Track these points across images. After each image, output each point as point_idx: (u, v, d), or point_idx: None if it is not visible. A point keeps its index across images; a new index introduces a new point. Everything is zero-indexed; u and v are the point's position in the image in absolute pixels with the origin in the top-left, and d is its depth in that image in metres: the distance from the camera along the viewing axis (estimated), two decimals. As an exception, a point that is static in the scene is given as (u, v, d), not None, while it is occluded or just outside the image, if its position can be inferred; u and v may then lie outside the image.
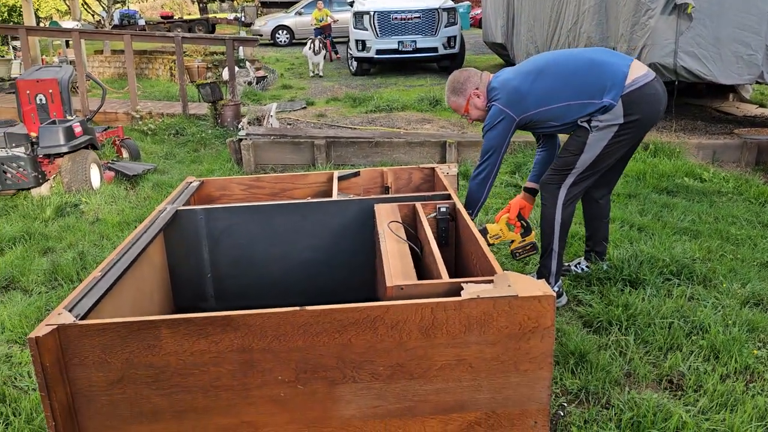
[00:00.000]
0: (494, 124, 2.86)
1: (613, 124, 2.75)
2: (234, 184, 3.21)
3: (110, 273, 2.00)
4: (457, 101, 3.00)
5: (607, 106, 2.72)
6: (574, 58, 2.89)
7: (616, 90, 2.71)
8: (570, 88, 2.78)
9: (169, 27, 27.27)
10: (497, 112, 2.85)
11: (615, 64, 2.78)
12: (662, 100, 2.84)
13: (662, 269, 3.19)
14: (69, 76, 6.06)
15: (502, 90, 2.87)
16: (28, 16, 12.28)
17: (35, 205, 4.89)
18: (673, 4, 5.18)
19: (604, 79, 2.74)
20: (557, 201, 2.90)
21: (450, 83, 3.02)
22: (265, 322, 1.68)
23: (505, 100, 2.84)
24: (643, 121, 2.79)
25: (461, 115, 3.06)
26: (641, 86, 2.73)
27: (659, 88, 2.82)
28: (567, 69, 2.84)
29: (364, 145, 5.86)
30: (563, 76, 2.82)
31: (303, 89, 10.71)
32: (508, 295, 1.71)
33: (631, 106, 2.72)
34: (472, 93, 2.94)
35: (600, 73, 2.76)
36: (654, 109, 2.81)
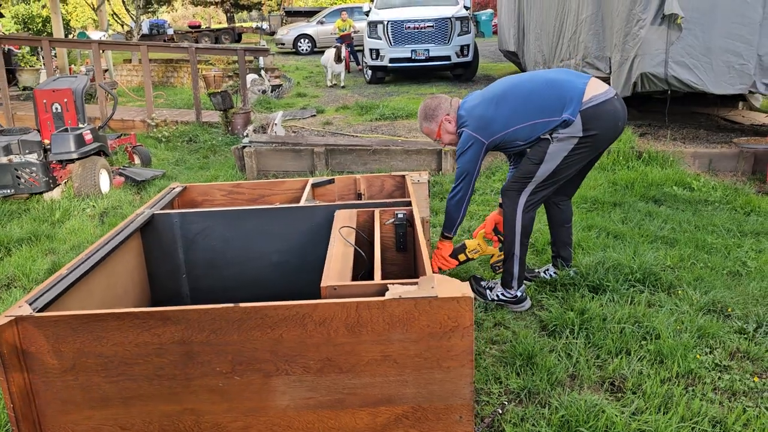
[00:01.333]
0: (465, 149, 3.01)
1: (573, 136, 2.86)
2: (215, 189, 3.38)
3: (77, 270, 2.18)
4: (429, 127, 3.17)
5: (566, 120, 2.83)
6: (532, 80, 3.03)
7: (575, 106, 2.82)
8: (531, 108, 2.90)
9: (197, 37, 27.95)
10: (467, 138, 3.00)
11: (572, 81, 2.89)
12: (621, 116, 2.94)
13: (627, 276, 3.26)
14: (83, 86, 6.34)
15: (469, 117, 3.03)
16: (57, 27, 12.77)
17: (46, 208, 5.14)
18: (662, 15, 5.23)
19: (563, 97, 2.85)
20: (517, 207, 3.01)
21: (422, 111, 3.19)
22: (202, 317, 1.83)
23: (473, 126, 2.99)
24: (601, 136, 2.89)
25: (434, 140, 3.24)
26: (599, 103, 2.84)
27: (618, 106, 2.93)
28: (526, 90, 2.96)
29: (362, 152, 6.02)
30: (523, 98, 2.94)
31: (317, 97, 10.93)
32: (428, 296, 1.83)
33: (590, 121, 2.83)
34: (444, 119, 3.11)
35: (559, 91, 2.88)
36: (612, 124, 2.91)
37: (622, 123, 2.96)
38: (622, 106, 2.96)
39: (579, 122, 2.83)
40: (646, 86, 5.58)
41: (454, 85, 11.50)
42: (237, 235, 2.89)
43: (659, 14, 5.28)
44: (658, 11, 5.29)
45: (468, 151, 3.01)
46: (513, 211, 3.04)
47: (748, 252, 3.67)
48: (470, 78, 12.23)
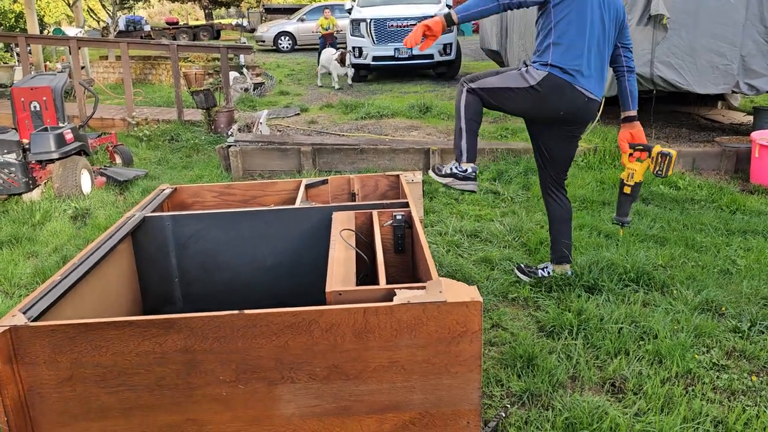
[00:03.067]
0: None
1: (531, 78, 2.84)
2: (206, 191, 3.32)
3: (69, 276, 2.11)
4: None
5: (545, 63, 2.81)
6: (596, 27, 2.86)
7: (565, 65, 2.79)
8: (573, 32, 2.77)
9: (174, 33, 27.58)
10: None
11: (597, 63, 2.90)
12: (573, 108, 2.92)
13: (621, 276, 3.28)
14: (63, 84, 6.19)
15: None
16: (32, 23, 12.49)
17: (25, 210, 5.01)
18: (648, 15, 5.27)
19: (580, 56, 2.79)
20: (462, 89, 3.02)
21: None
22: (205, 324, 1.78)
23: None
24: (546, 104, 2.87)
25: None
26: (569, 83, 2.82)
27: (580, 103, 2.92)
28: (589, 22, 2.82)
29: (350, 152, 5.97)
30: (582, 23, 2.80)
31: (300, 96, 10.84)
32: (437, 300, 1.80)
33: (547, 86, 2.82)
34: None
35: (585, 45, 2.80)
36: (558, 105, 2.88)
37: (570, 115, 2.95)
38: (586, 105, 2.94)
39: (544, 77, 2.80)
40: (632, 86, 5.61)
41: (437, 84, 11.50)
42: (231, 238, 2.84)
43: (645, 15, 5.32)
44: (644, 12, 5.33)
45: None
46: (459, 94, 3.04)
47: (737, 250, 3.71)
48: (453, 76, 12.24)
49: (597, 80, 2.98)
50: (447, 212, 4.64)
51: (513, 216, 4.45)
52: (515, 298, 3.20)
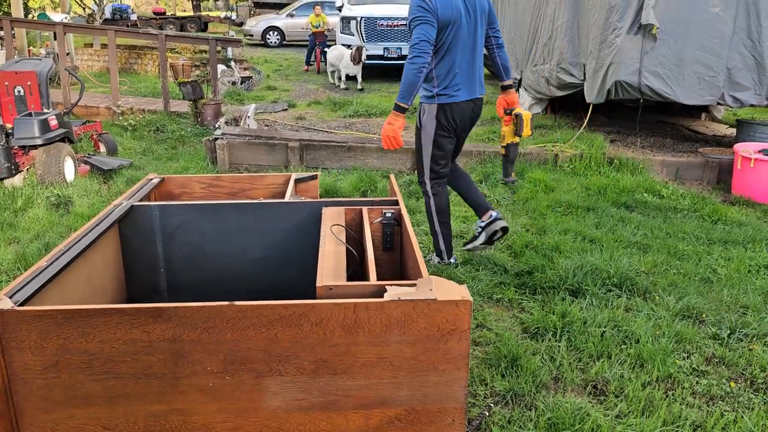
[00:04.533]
0: (420, 17, 3.08)
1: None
2: (194, 182, 3.30)
3: (56, 263, 2.09)
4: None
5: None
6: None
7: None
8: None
9: (161, 23, 27.29)
10: (421, 5, 3.07)
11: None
12: (466, 112, 3.40)
13: (605, 280, 3.32)
14: (48, 70, 6.12)
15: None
16: (16, 7, 12.31)
17: (7, 195, 4.94)
18: (638, 24, 5.34)
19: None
20: (427, 194, 3.57)
21: None
22: (195, 314, 1.77)
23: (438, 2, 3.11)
24: (453, 122, 3.37)
25: None
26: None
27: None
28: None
29: (337, 149, 5.97)
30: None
31: (287, 91, 10.81)
32: (427, 298, 1.81)
33: (444, 112, 3.34)
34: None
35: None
36: (459, 116, 3.36)
37: (469, 120, 3.50)
38: (475, 106, 3.46)
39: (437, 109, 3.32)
40: (620, 94, 5.69)
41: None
42: (219, 230, 2.82)
43: (636, 24, 5.39)
44: (635, 21, 5.40)
45: (423, 20, 3.05)
46: (426, 200, 3.60)
47: (718, 260, 3.78)
48: (441, 78, 12.28)
49: (476, 81, 3.39)
50: (433, 212, 4.65)
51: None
52: (500, 299, 3.23)
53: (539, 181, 5.25)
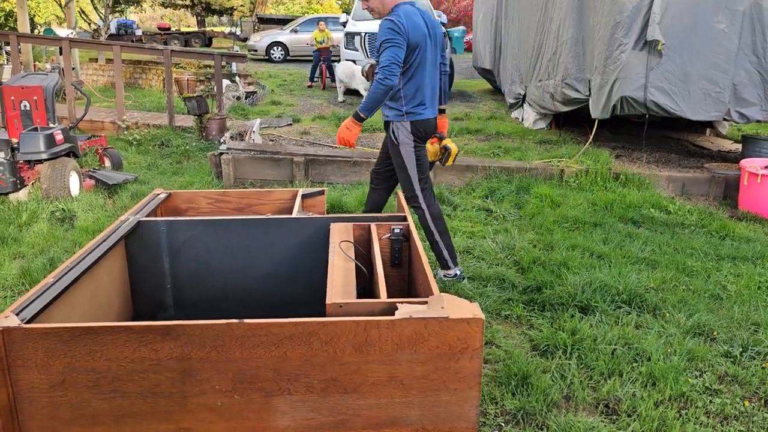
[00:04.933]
0: (395, 40, 3.22)
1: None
2: (201, 197, 3.29)
3: (63, 279, 2.07)
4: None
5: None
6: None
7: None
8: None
9: (166, 39, 27.46)
10: (392, 29, 3.21)
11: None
12: (431, 126, 3.60)
13: (614, 297, 3.28)
14: (54, 85, 6.13)
15: (405, 13, 3.29)
16: (23, 22, 12.40)
17: (11, 210, 4.93)
18: (644, 40, 5.35)
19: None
20: (422, 211, 3.63)
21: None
22: (204, 332, 1.75)
23: (408, 24, 3.25)
24: (425, 138, 3.57)
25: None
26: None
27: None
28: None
29: (342, 164, 5.96)
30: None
31: (292, 106, 10.83)
32: (439, 316, 1.79)
33: (416, 128, 3.50)
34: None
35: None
36: (427, 132, 3.55)
37: (431, 134, 3.65)
38: (435, 122, 3.62)
39: (409, 127, 3.49)
40: (625, 109, 5.68)
41: (429, 100, 11.55)
42: (226, 245, 2.80)
43: (641, 39, 5.40)
44: (640, 36, 5.41)
45: (397, 43, 3.20)
46: (420, 216, 3.64)
47: (727, 276, 3.74)
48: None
49: (436, 99, 3.59)
50: (439, 228, 4.63)
51: (505, 234, 4.45)
52: (508, 315, 3.20)
53: (545, 196, 5.23)
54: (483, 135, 7.72)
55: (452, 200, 5.31)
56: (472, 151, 6.63)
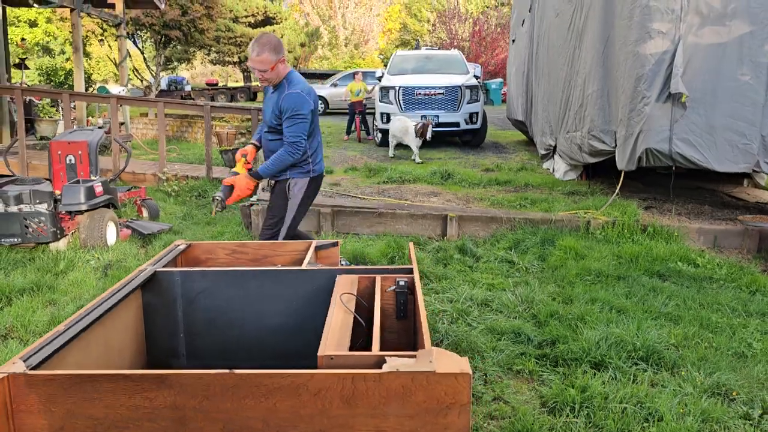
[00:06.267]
0: (308, 114, 3.65)
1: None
2: (219, 248, 3.40)
3: (74, 327, 2.17)
4: (270, 57, 3.54)
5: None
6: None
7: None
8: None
9: (213, 94, 28.69)
10: (306, 103, 3.64)
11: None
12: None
13: (630, 353, 3.22)
14: (98, 140, 6.48)
15: (305, 87, 3.71)
16: (79, 81, 13.14)
17: (50, 258, 5.16)
18: (667, 93, 5.36)
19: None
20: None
21: (268, 40, 3.57)
22: (196, 382, 1.81)
23: (309, 93, 3.70)
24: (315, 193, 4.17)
25: (261, 69, 3.58)
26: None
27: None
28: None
29: (368, 215, 6.06)
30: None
31: (326, 158, 11.07)
32: (425, 370, 1.81)
33: (313, 184, 4.05)
34: (283, 59, 3.60)
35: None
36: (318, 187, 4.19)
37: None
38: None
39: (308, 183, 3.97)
40: (651, 161, 5.65)
41: (463, 151, 11.67)
42: (238, 296, 2.89)
43: (664, 92, 5.41)
44: (663, 89, 5.42)
45: (308, 118, 3.67)
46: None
47: (754, 333, 3.62)
48: (478, 144, 12.42)
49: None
50: (460, 279, 4.64)
51: (525, 286, 4.43)
52: (520, 370, 3.16)
53: (570, 248, 5.19)
54: (512, 186, 7.74)
55: (475, 251, 5.32)
56: (498, 203, 6.65)
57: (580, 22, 6.89)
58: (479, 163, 10.00)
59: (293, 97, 3.58)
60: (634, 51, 5.67)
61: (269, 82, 3.66)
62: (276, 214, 3.94)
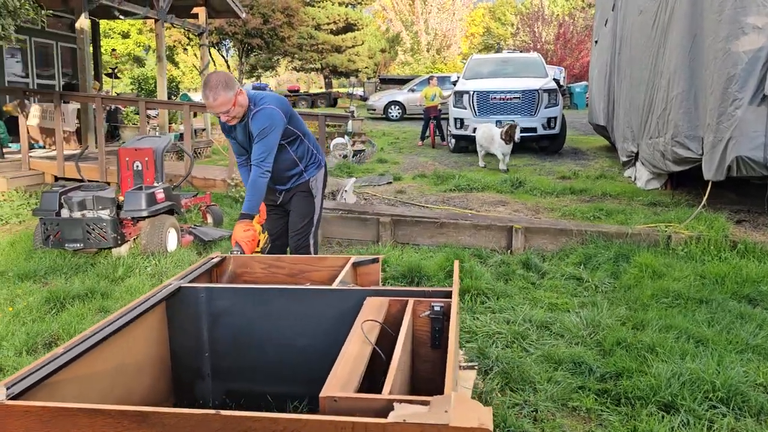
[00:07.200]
0: (274, 127, 3.40)
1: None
2: (255, 262, 3.25)
3: (74, 349, 2.04)
4: (227, 95, 3.28)
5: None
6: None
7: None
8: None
9: (295, 100, 29.29)
10: (274, 114, 3.40)
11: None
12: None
13: (707, 394, 2.79)
14: (164, 146, 6.57)
15: (268, 97, 3.47)
16: (162, 89, 13.65)
17: (110, 264, 5.23)
18: (762, 95, 4.76)
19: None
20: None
21: (216, 81, 3.30)
22: (180, 422, 1.62)
23: (278, 105, 3.45)
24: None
25: (224, 111, 3.32)
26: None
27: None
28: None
29: (429, 225, 5.79)
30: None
31: (397, 164, 10.90)
32: (438, 422, 1.54)
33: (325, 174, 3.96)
34: (239, 91, 3.34)
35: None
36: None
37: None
38: None
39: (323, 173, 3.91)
40: (742, 170, 5.06)
41: (539, 158, 11.17)
42: (263, 315, 2.71)
43: (759, 94, 4.81)
44: (758, 90, 4.82)
45: (277, 128, 3.42)
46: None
47: None
48: (557, 150, 11.86)
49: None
50: (521, 297, 4.29)
51: (592, 308, 4.02)
52: (576, 407, 2.81)
53: (646, 265, 4.70)
54: (587, 195, 7.24)
55: (540, 267, 4.93)
56: (570, 213, 6.21)
57: (665, 18, 6.32)
58: (555, 170, 9.50)
59: (257, 116, 3.41)
60: (724, 48, 5.10)
61: (238, 117, 3.43)
62: (304, 215, 3.81)
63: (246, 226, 3.44)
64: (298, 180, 3.77)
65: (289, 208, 3.89)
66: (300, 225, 3.82)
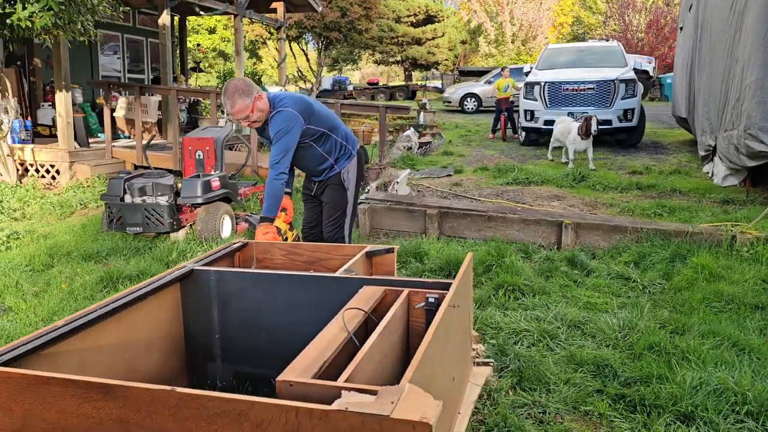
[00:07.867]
0: (290, 127, 3.39)
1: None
2: (276, 248, 3.30)
3: (76, 321, 2.16)
4: (244, 102, 3.31)
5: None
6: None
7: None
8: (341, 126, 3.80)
9: (373, 93, 29.54)
10: (290, 116, 3.39)
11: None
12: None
13: (734, 406, 2.58)
14: (225, 136, 6.79)
15: (288, 99, 3.47)
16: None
17: (165, 249, 5.48)
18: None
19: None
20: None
21: (233, 89, 3.33)
22: (140, 396, 1.68)
23: (296, 108, 3.42)
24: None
25: (243, 117, 3.36)
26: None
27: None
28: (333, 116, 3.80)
29: (477, 218, 5.68)
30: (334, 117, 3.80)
31: (462, 156, 10.76)
32: (378, 413, 1.51)
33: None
34: (257, 96, 3.36)
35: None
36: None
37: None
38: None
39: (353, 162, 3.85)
40: (819, 166, 4.62)
41: (613, 151, 10.68)
42: (271, 300, 2.75)
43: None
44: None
45: (293, 130, 3.40)
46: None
47: None
48: (635, 143, 11.29)
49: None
50: (559, 295, 4.13)
51: (632, 309, 3.81)
52: (589, 412, 2.67)
53: (703, 266, 4.39)
54: (654, 191, 6.86)
55: (587, 264, 4.72)
56: (629, 210, 5.90)
57: (743, 0, 5.86)
58: (627, 165, 9.06)
59: (274, 119, 3.43)
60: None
61: (260, 121, 3.46)
62: (337, 207, 3.86)
63: (265, 229, 3.46)
64: (330, 172, 3.82)
65: (323, 199, 3.94)
66: (332, 216, 3.89)
